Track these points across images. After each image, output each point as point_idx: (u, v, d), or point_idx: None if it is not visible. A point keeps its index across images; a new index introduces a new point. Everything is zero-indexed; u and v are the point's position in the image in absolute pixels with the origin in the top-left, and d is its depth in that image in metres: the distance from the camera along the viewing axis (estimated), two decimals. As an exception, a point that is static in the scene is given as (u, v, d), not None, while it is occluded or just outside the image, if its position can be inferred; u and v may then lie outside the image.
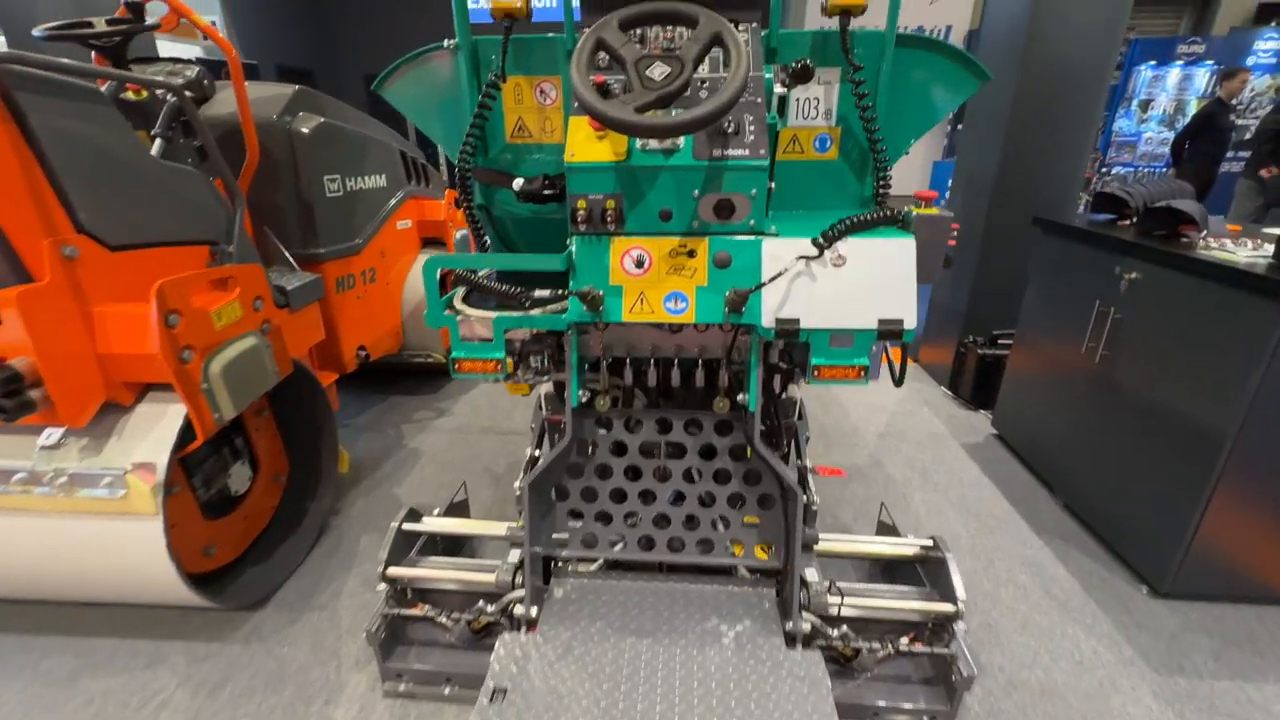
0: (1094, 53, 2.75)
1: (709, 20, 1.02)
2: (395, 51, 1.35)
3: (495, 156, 1.43)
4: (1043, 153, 2.95)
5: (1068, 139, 2.92)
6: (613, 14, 1.04)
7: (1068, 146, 2.93)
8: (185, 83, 2.11)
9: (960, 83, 1.30)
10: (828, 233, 1.12)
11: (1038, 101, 2.87)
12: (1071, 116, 2.86)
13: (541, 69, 1.34)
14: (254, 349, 1.70)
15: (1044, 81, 2.83)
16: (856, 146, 1.35)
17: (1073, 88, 2.82)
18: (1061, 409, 2.34)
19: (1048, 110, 2.87)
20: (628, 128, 0.95)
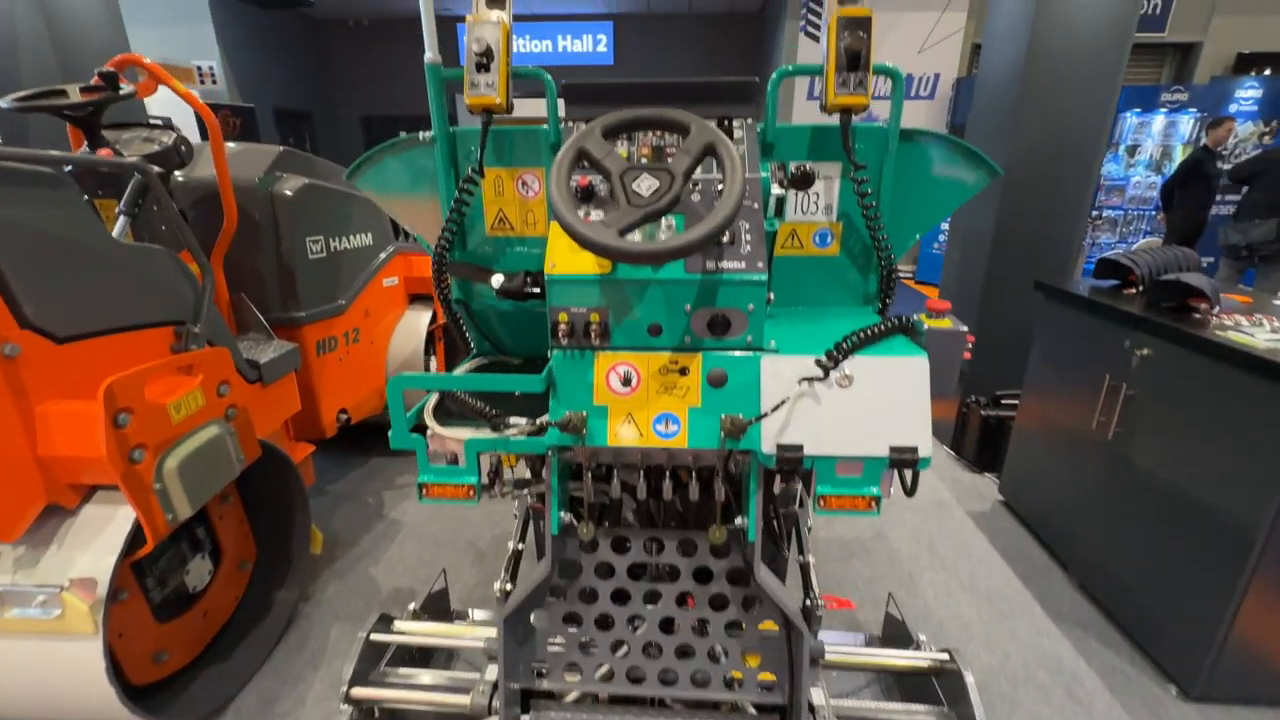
0: (1091, 107, 2.73)
1: (701, 130, 0.95)
2: (392, 92, 1.29)
3: (474, 249, 1.34)
4: (1041, 208, 2.92)
5: (1066, 193, 2.88)
6: (596, 121, 0.97)
7: (1066, 201, 2.90)
8: (160, 151, 2.04)
9: (968, 177, 1.23)
10: (833, 352, 1.03)
11: (1035, 155, 2.84)
12: (1069, 170, 2.83)
13: (523, 160, 1.27)
14: (216, 439, 1.58)
15: (1040, 135, 2.81)
16: (859, 242, 1.28)
17: (1070, 142, 2.79)
18: (1073, 484, 2.24)
19: (1045, 164, 2.84)
20: (611, 254, 0.87)
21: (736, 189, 0.88)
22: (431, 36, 1.18)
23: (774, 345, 1.06)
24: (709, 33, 9.84)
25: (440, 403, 1.22)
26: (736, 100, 1.19)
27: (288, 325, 2.51)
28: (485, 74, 1.12)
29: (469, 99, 1.14)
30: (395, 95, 10.19)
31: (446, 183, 1.27)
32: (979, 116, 3.19)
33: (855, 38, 1.07)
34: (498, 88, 1.12)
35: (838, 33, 1.09)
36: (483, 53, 1.11)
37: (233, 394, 1.68)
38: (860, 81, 1.11)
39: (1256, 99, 7.03)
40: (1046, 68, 2.70)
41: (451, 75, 1.22)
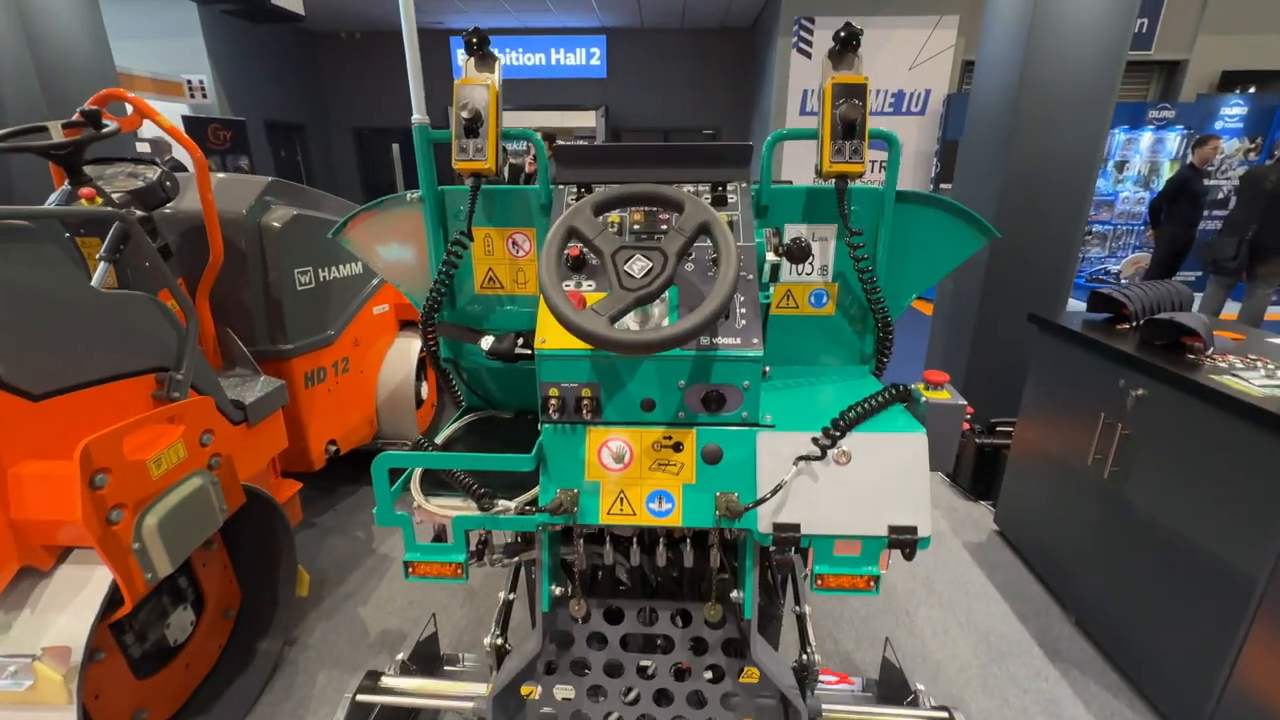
0: (1084, 134, 2.74)
1: (695, 209, 0.93)
2: (385, 104, 1.26)
3: (463, 308, 1.32)
4: (1034, 233, 2.92)
5: (1059, 219, 2.89)
6: (586, 199, 0.95)
7: (1060, 227, 2.90)
8: (144, 187, 2.00)
9: (964, 239, 1.22)
10: (830, 430, 1.00)
11: (1028, 180, 2.84)
12: (1062, 196, 2.84)
13: (514, 221, 1.25)
14: (198, 492, 1.54)
15: (1033, 161, 2.81)
16: (856, 302, 1.26)
17: (1063, 167, 2.80)
18: (1069, 520, 2.23)
19: (1038, 189, 2.84)
20: (602, 344, 0.84)
21: (731, 274, 0.86)
22: (419, 97, 1.15)
23: (770, 420, 1.04)
24: (701, 47, 9.89)
25: (427, 470, 1.19)
26: (730, 163, 1.17)
27: (275, 358, 2.47)
28: (474, 139, 1.09)
29: (457, 164, 1.12)
30: (387, 107, 10.16)
31: (435, 243, 1.24)
32: (971, 144, 3.20)
33: (851, 106, 1.06)
34: (487, 153, 1.10)
35: (832, 99, 1.08)
36: (472, 118, 1.08)
37: (216, 442, 1.64)
38: (856, 150, 1.09)
39: (1241, 116, 7.13)
40: (1039, 93, 2.71)
41: (439, 136, 1.19)
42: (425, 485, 1.17)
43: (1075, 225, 2.88)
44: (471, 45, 1.11)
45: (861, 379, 1.26)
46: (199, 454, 1.58)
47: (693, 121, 10.40)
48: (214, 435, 1.63)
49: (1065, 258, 2.95)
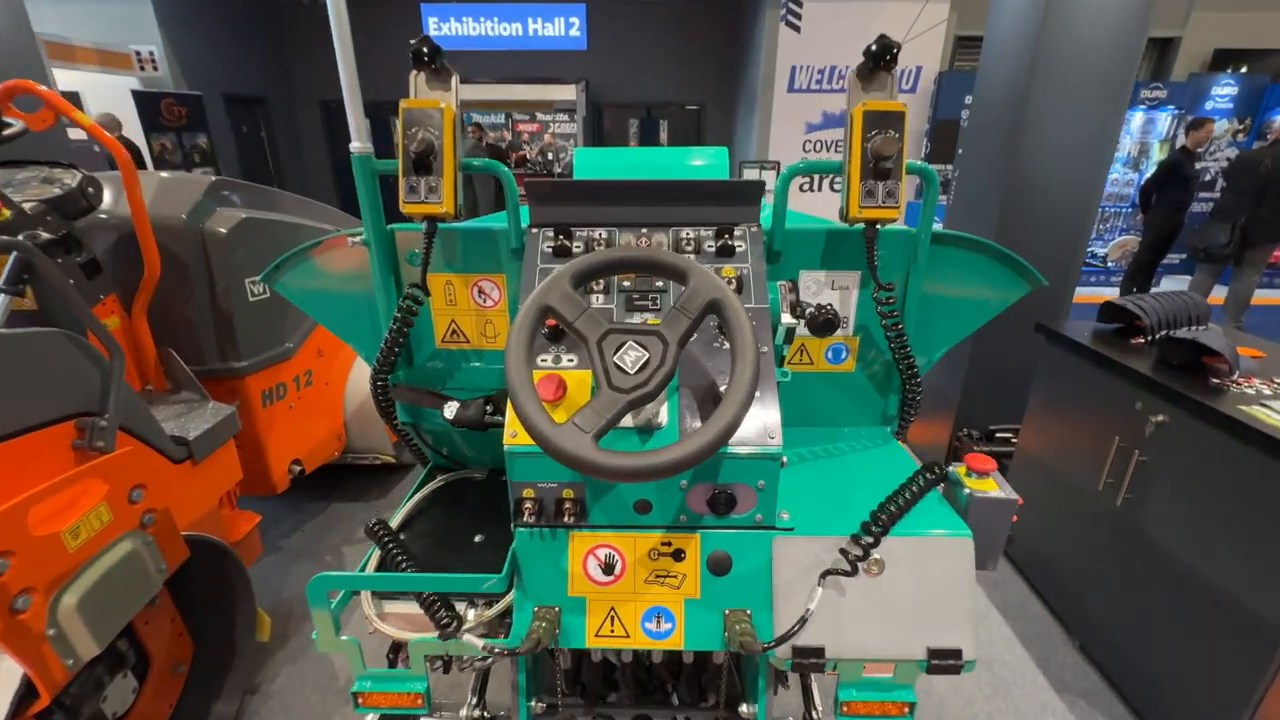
0: (1099, 122, 2.58)
1: (702, 281, 0.75)
2: None
3: (422, 365, 1.14)
4: (1040, 229, 2.77)
5: (1068, 214, 2.74)
6: (564, 269, 0.77)
7: (1068, 223, 2.76)
8: (61, 195, 1.76)
9: (1006, 286, 1.07)
10: (862, 537, 0.85)
11: (1036, 174, 2.69)
12: (1071, 191, 2.69)
13: (479, 265, 1.06)
14: (129, 558, 1.36)
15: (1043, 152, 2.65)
16: (879, 358, 1.11)
17: (1075, 158, 2.64)
18: (1075, 543, 2.14)
19: (1046, 182, 2.69)
20: (586, 469, 0.68)
21: (748, 374, 0.69)
22: (359, 123, 0.95)
23: (787, 518, 0.89)
24: (685, 18, 9.49)
25: (387, 556, 1.01)
26: (738, 202, 0.99)
27: (228, 377, 2.26)
28: (426, 175, 0.90)
29: (405, 206, 0.93)
30: (356, 79, 9.63)
31: (385, 293, 1.05)
32: (976, 133, 3.02)
33: (887, 140, 0.88)
34: (443, 193, 0.91)
35: (863, 130, 0.90)
36: (423, 151, 0.89)
37: (150, 494, 1.46)
38: (890, 192, 0.92)
39: (1231, 96, 7.03)
40: (1053, 78, 2.53)
41: (385, 169, 0.99)
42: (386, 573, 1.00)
43: (1084, 220, 2.74)
44: (421, 57, 0.91)
45: (885, 445, 1.11)
46: (128, 513, 1.39)
47: (676, 96, 10.05)
48: (147, 489, 1.44)
49: (1072, 255, 2.82)
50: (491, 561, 0.97)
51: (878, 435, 1.14)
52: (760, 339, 0.88)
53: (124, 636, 1.60)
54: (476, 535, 1.06)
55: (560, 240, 0.97)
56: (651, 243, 0.97)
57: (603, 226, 0.99)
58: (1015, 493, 0.90)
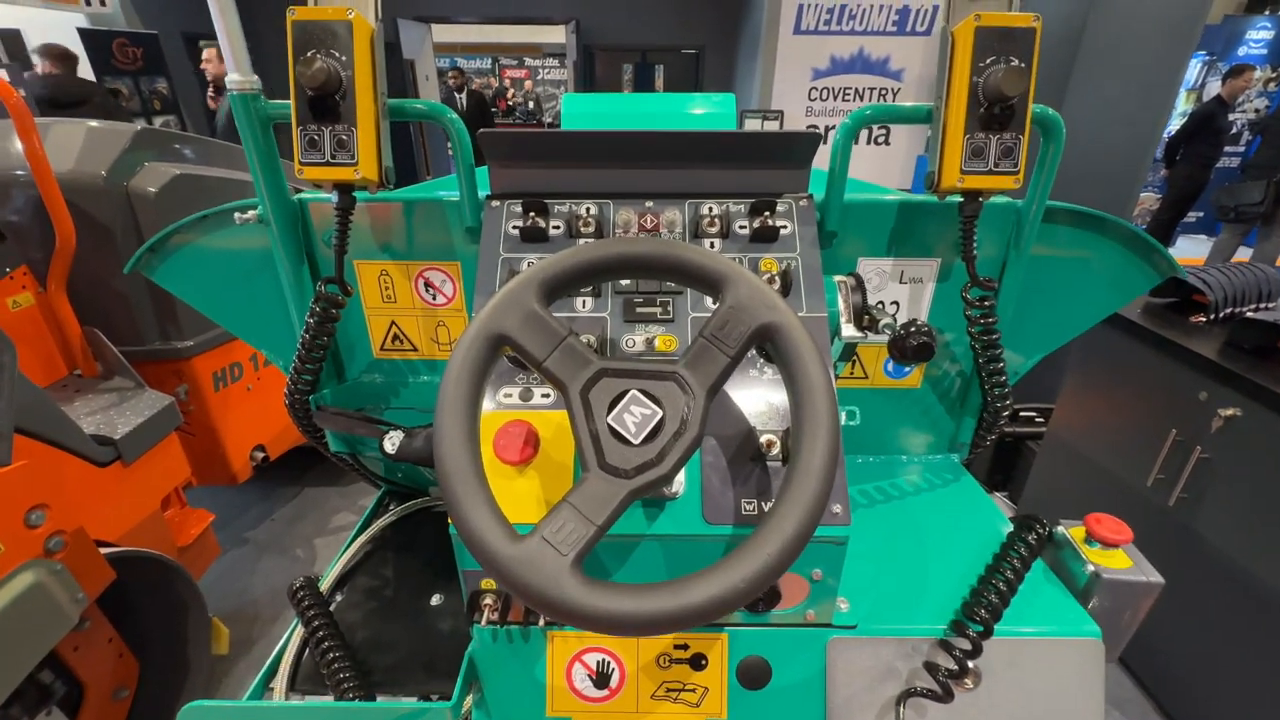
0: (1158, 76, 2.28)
1: (746, 293, 0.49)
2: None
3: (358, 379, 0.89)
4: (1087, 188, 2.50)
5: (1117, 173, 2.47)
6: (529, 273, 0.51)
7: (1117, 183, 2.48)
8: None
9: (1131, 278, 0.82)
10: (954, 640, 0.63)
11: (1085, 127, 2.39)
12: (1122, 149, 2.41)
13: (423, 251, 0.80)
14: (30, 592, 1.14)
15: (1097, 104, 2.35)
16: (955, 371, 0.87)
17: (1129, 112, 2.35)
18: (1113, 539, 1.96)
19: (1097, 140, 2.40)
20: (565, 615, 0.43)
21: (822, 461, 0.45)
22: (234, 47, 0.67)
23: (846, 608, 0.66)
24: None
25: (311, 637, 0.78)
26: (782, 164, 0.72)
27: (170, 359, 2.00)
28: (331, 124, 0.63)
29: (302, 170, 0.66)
30: (329, 16, 8.93)
31: (295, 288, 0.79)
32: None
33: (1011, 73, 0.61)
34: (357, 149, 0.64)
35: (974, 56, 0.63)
36: (323, 84, 0.62)
37: (56, 514, 1.22)
38: (1008, 150, 0.66)
39: (1267, 41, 6.59)
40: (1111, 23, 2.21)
41: (278, 111, 0.72)
42: (301, 679, 0.78)
43: (1136, 174, 2.46)
44: None
45: (957, 482, 0.89)
46: (26, 540, 1.16)
47: (674, 39, 9.42)
48: (49, 508, 1.21)
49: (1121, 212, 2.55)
50: (447, 639, 0.75)
51: (946, 467, 0.92)
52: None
53: (46, 668, 1.40)
54: (433, 595, 0.84)
55: (531, 219, 0.71)
56: (660, 223, 0.71)
57: (590, 198, 0.73)
58: (1156, 572, 0.68)
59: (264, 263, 0.82)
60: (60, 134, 1.85)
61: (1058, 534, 0.75)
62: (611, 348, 0.66)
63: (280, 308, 0.84)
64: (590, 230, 0.71)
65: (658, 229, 0.71)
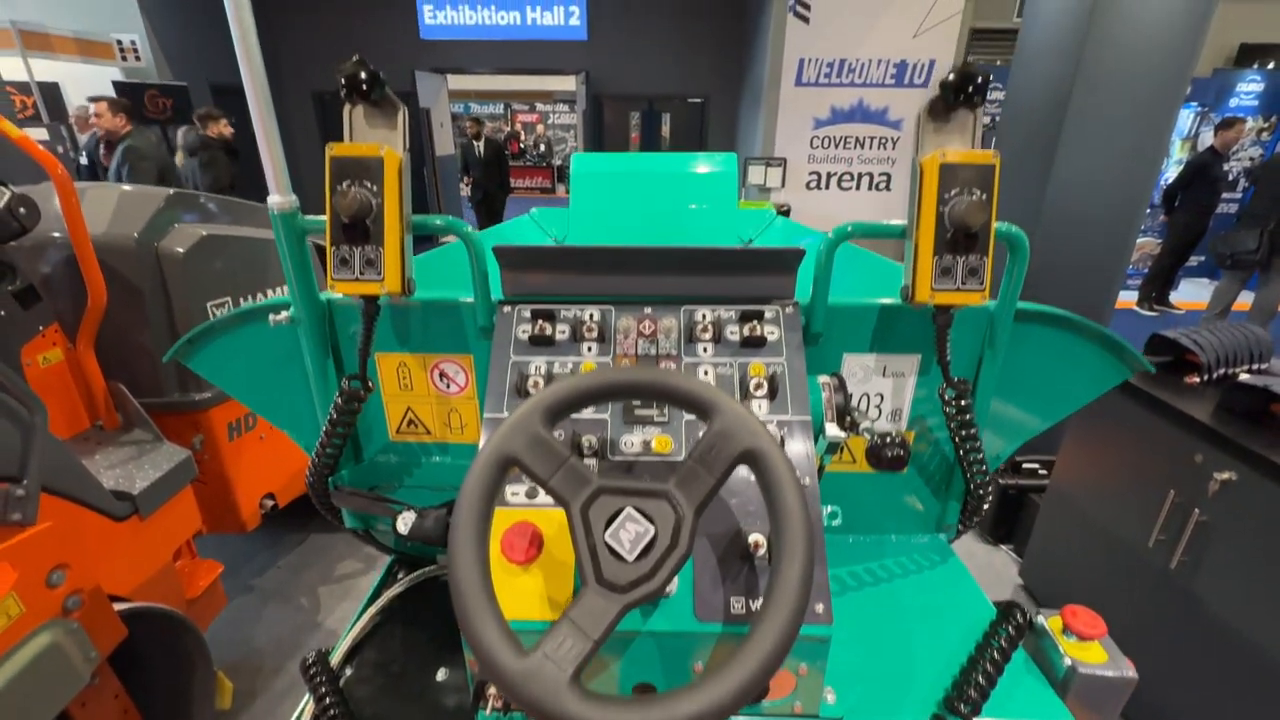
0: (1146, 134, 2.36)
1: (733, 421, 0.55)
2: None
3: (373, 459, 0.94)
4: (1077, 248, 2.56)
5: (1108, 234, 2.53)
6: (535, 400, 0.57)
7: (1108, 244, 2.54)
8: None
9: (1101, 373, 0.87)
10: None
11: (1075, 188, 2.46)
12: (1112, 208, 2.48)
13: (439, 344, 0.86)
14: (47, 653, 1.17)
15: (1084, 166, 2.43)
16: (939, 457, 0.91)
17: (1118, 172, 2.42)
18: (1116, 599, 1.95)
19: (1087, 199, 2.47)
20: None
21: (796, 582, 0.49)
22: (277, 171, 0.74)
23: (833, 700, 0.69)
24: (689, 8, 9.19)
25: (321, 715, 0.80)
26: (768, 273, 0.78)
27: (189, 410, 2.06)
28: (362, 245, 0.70)
29: (334, 284, 0.73)
30: (350, 69, 9.35)
31: (321, 381, 0.86)
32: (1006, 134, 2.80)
33: (974, 206, 0.68)
34: (384, 266, 0.71)
35: (939, 187, 0.70)
36: (357, 213, 0.69)
37: (75, 573, 1.26)
38: (974, 270, 0.72)
39: (1257, 93, 6.77)
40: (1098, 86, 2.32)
41: (314, 227, 0.79)
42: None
43: (1127, 236, 2.53)
44: (357, 86, 0.70)
45: (944, 564, 0.92)
46: (46, 600, 1.20)
47: (680, 89, 9.77)
48: (70, 568, 1.25)
49: (1113, 271, 2.61)
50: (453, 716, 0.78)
51: (933, 548, 0.95)
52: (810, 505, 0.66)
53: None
54: (439, 669, 0.87)
55: (539, 326, 0.77)
56: (658, 328, 0.77)
57: (594, 304, 0.79)
58: (1130, 666, 0.71)
59: (292, 355, 0.88)
60: (96, 198, 1.96)
61: (1037, 624, 0.78)
62: (612, 447, 0.71)
63: (305, 396, 0.90)
64: (594, 335, 0.77)
65: (655, 334, 0.77)
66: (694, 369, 0.75)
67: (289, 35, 9.33)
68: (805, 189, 7.64)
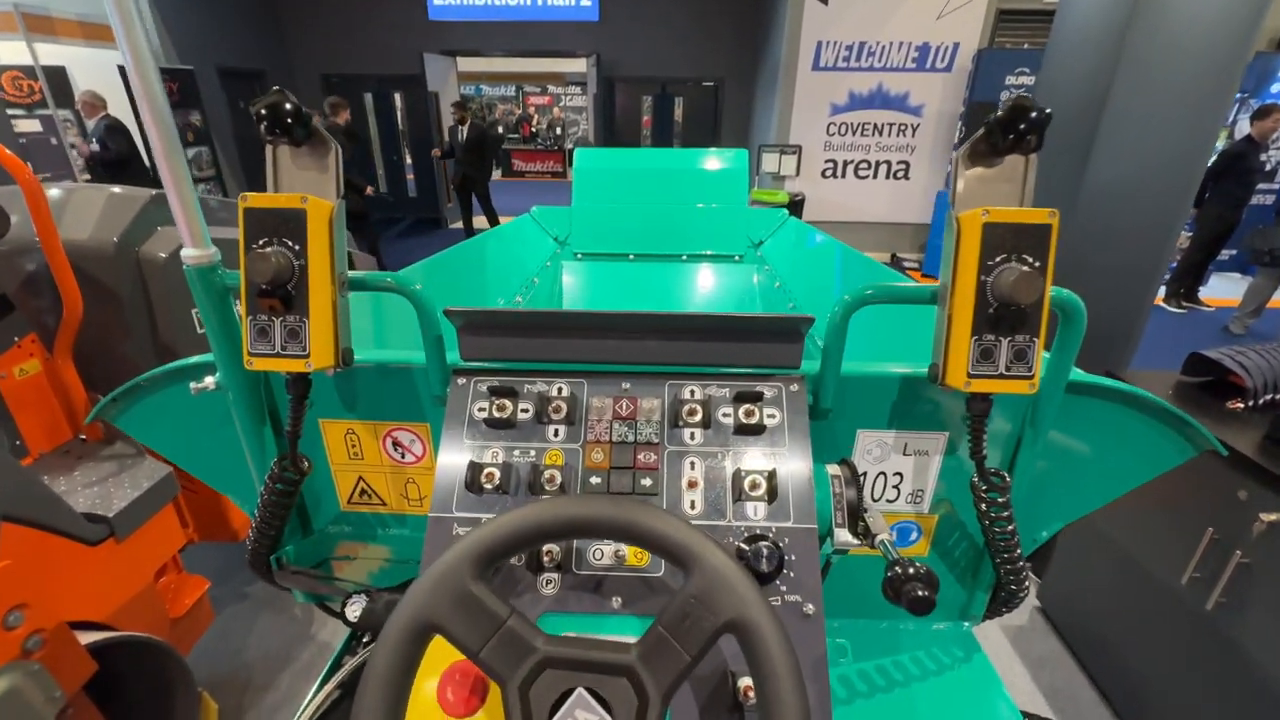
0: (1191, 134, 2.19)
1: (713, 580, 0.44)
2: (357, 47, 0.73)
3: (324, 530, 0.85)
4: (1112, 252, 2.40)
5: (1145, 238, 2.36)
6: (464, 545, 0.46)
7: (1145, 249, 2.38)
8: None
9: (1161, 453, 0.75)
10: None
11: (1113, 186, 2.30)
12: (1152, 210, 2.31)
13: (391, 413, 0.76)
14: (5, 697, 1.11)
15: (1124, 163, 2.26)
16: (965, 542, 0.80)
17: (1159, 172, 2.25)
18: (1145, 636, 1.84)
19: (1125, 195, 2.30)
20: None
21: None
22: (189, 218, 0.64)
23: None
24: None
25: None
26: (766, 340, 0.67)
27: (174, 420, 1.99)
28: (283, 313, 0.60)
29: (251, 360, 0.63)
30: (359, 51, 9.21)
31: (256, 451, 0.76)
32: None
33: (1024, 279, 0.55)
34: (309, 341, 0.61)
35: (981, 252, 0.58)
36: (275, 277, 0.59)
37: (36, 611, 1.20)
38: (1021, 353, 0.60)
39: (1301, 79, 6.43)
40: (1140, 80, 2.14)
41: (235, 283, 0.69)
42: None
43: (1165, 241, 2.36)
44: (280, 122, 0.60)
45: (967, 662, 0.82)
46: (3, 643, 1.14)
47: (693, 72, 9.51)
48: (29, 607, 1.19)
49: (1150, 276, 2.44)
50: None
51: (955, 640, 0.84)
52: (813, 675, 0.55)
53: (25, 759, 1.37)
54: None
55: (498, 404, 0.66)
56: (637, 410, 0.67)
57: (563, 377, 0.69)
58: None
59: (228, 417, 0.79)
60: (84, 200, 1.89)
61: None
62: (577, 558, 0.61)
63: (238, 467, 0.81)
64: (560, 417, 0.67)
65: (634, 416, 0.67)
66: (679, 460, 0.65)
67: (297, 17, 9.19)
68: (820, 177, 7.43)
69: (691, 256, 2.32)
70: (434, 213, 9.96)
